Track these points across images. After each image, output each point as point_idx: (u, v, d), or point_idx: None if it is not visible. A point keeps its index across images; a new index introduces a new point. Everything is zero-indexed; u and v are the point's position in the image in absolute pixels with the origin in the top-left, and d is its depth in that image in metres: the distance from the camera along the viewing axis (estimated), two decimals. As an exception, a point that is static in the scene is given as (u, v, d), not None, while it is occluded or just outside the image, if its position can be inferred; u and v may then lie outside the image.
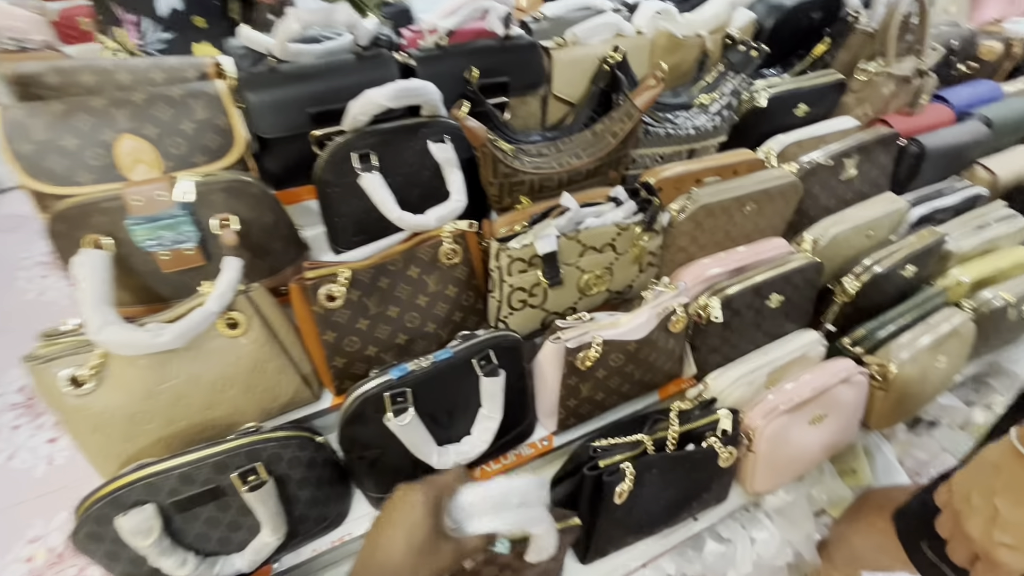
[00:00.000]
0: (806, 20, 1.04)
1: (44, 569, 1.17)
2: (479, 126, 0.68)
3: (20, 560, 1.18)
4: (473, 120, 0.68)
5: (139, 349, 0.53)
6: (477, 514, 0.42)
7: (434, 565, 0.36)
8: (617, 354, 0.68)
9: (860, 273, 0.84)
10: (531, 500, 0.45)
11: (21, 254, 1.88)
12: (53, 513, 1.24)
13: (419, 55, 0.78)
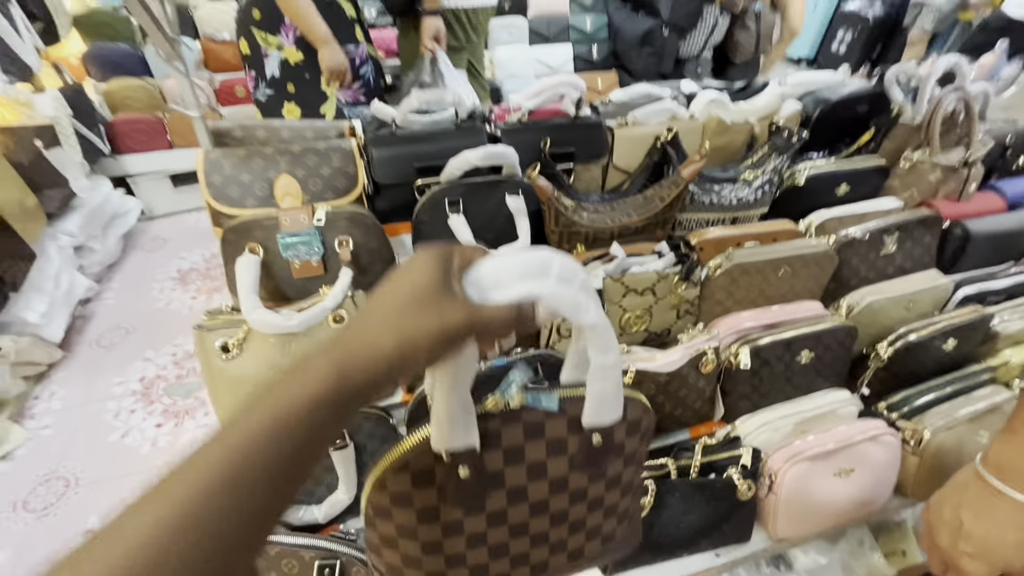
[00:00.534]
0: (852, 112, 1.15)
1: (135, 535, 1.36)
2: (547, 184, 0.85)
3: (118, 524, 1.37)
4: (543, 180, 0.84)
5: (274, 329, 0.70)
6: (503, 283, 0.32)
7: (439, 319, 0.28)
8: (649, 384, 0.78)
9: (894, 340, 0.89)
10: (574, 278, 0.33)
11: (158, 270, 2.25)
12: (149, 488, 1.44)
13: (504, 128, 0.97)
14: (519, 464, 0.38)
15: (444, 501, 0.37)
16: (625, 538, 0.47)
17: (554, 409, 0.38)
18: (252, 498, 0.23)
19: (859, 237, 0.96)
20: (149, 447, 1.56)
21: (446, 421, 0.35)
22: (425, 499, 0.37)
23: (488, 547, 0.40)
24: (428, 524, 0.38)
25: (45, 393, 1.71)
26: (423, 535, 0.38)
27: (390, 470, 0.36)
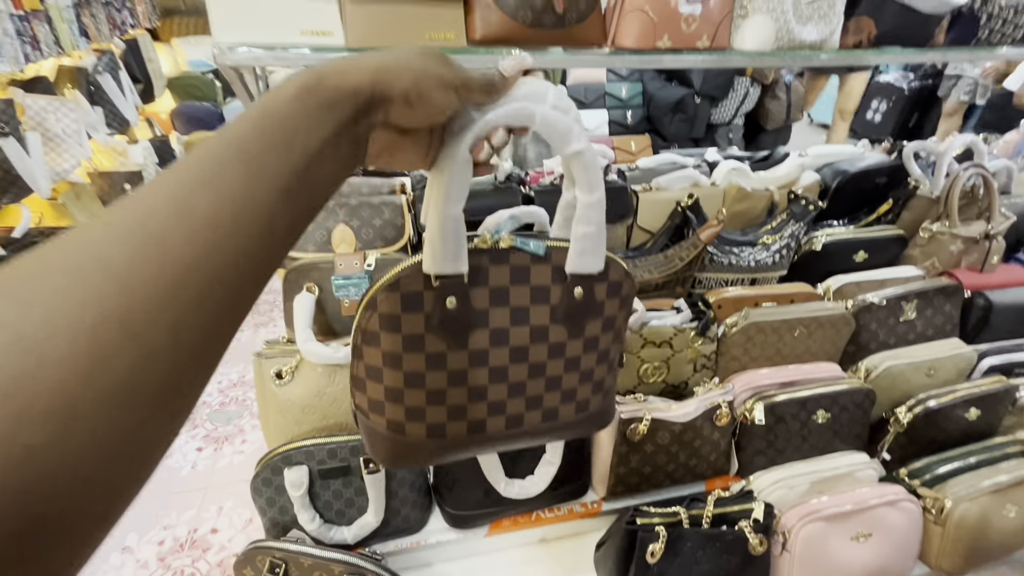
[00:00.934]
0: (870, 183, 1.20)
1: (167, 554, 1.42)
2: (573, 241, 0.93)
3: (152, 542, 1.44)
4: (569, 236, 0.93)
5: (323, 359, 0.79)
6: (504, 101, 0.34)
7: (424, 60, 0.29)
8: (664, 432, 0.81)
9: (913, 405, 0.90)
10: (569, 109, 0.36)
11: (212, 303, 2.43)
12: (184, 509, 1.51)
13: (538, 189, 1.07)
14: (503, 306, 0.40)
15: (430, 330, 0.39)
16: (598, 414, 0.48)
17: (540, 253, 0.40)
18: (254, 176, 0.22)
19: (877, 302, 0.99)
20: (189, 469, 1.64)
21: (438, 238, 0.36)
22: (412, 325, 0.38)
23: (468, 388, 0.41)
24: (413, 353, 0.39)
25: (102, 412, 1.84)
26: (407, 364, 0.39)
27: (382, 289, 0.38)
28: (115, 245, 0.18)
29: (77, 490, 0.16)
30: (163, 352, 0.18)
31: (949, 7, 0.94)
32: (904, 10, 0.93)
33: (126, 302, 0.17)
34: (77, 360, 0.16)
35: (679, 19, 0.86)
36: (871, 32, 0.94)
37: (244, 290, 0.21)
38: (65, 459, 0.15)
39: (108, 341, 0.16)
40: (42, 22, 1.92)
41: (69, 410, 0.15)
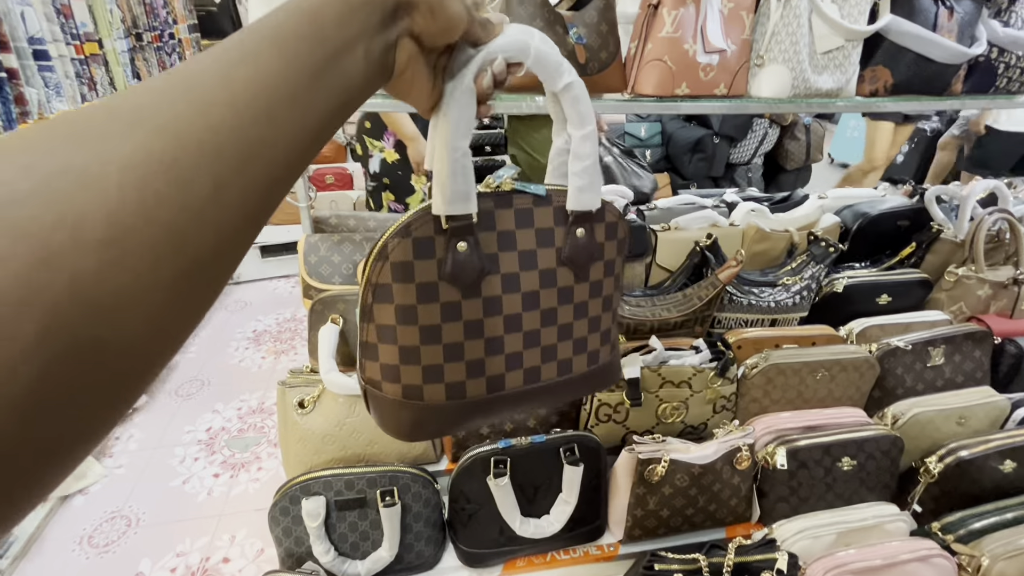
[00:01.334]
0: (892, 226, 1.20)
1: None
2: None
3: (165, 569, 1.44)
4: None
5: (344, 390, 0.81)
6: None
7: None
8: (683, 475, 0.80)
9: (944, 455, 0.87)
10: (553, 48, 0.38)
11: (237, 330, 2.49)
12: (198, 536, 1.52)
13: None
14: (512, 250, 0.41)
15: (443, 278, 0.38)
16: (608, 367, 0.48)
17: (542, 194, 0.41)
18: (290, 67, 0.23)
19: (902, 347, 0.97)
20: (205, 496, 1.65)
21: (447, 175, 0.36)
22: (425, 272, 0.38)
23: (485, 340, 0.40)
24: (428, 304, 0.38)
25: (125, 434, 1.88)
26: (423, 317, 0.38)
27: (392, 235, 0.37)
28: (161, 103, 0.19)
29: (123, 322, 0.16)
30: (206, 206, 0.19)
31: (964, 57, 0.96)
32: (920, 60, 0.95)
33: (171, 152, 0.18)
34: (126, 196, 0.16)
35: (697, 68, 0.89)
36: (887, 81, 0.97)
37: (277, 173, 0.22)
38: (113, 289, 0.16)
39: (155, 185, 0.17)
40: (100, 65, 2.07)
41: (118, 243, 0.16)
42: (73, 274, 0.15)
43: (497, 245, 0.40)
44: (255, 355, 2.29)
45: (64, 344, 0.15)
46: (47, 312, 0.14)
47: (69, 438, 0.16)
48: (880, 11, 0.93)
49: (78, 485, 1.65)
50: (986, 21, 0.97)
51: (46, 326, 0.14)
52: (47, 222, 0.15)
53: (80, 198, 0.15)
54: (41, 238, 0.14)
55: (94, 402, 0.17)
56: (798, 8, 0.88)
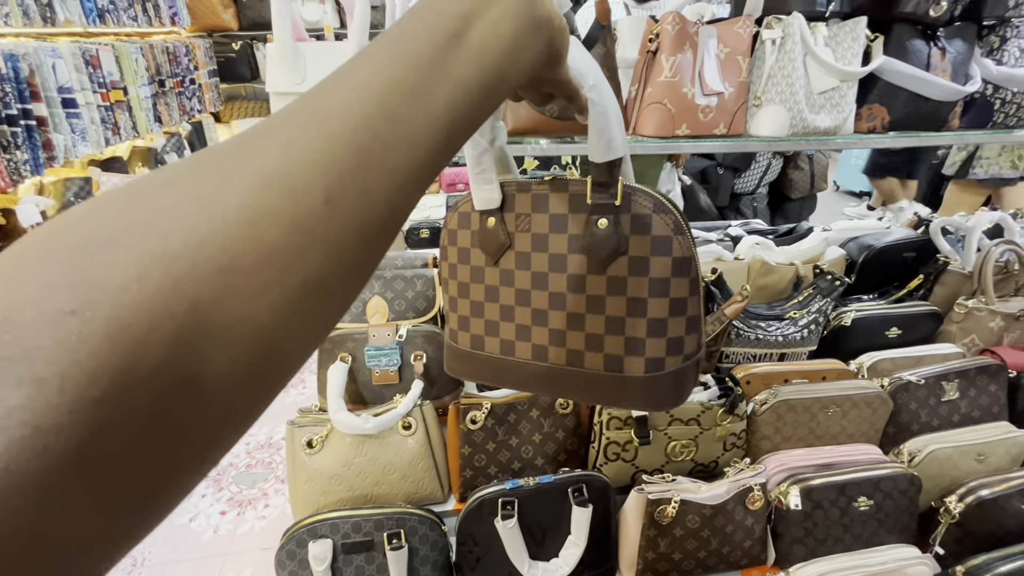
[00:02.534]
0: (898, 258, 1.20)
1: (183, 626, 1.39)
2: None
3: (169, 612, 1.42)
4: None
5: (353, 430, 0.81)
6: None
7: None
8: (694, 516, 0.79)
9: (964, 494, 0.84)
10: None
11: (247, 363, 2.51)
12: (204, 577, 1.49)
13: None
14: (525, 231, 0.45)
15: (474, 245, 0.46)
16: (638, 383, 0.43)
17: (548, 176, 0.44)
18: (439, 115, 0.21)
19: (915, 381, 0.96)
20: (211, 534, 1.64)
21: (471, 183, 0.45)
22: (464, 239, 0.47)
23: (499, 306, 0.46)
24: (463, 265, 0.47)
25: (134, 471, 1.88)
26: (460, 275, 0.48)
27: (450, 211, 0.48)
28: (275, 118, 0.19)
29: (235, 349, 0.16)
30: (317, 221, 0.17)
31: (959, 95, 0.98)
32: (915, 98, 0.97)
33: (282, 162, 0.17)
34: (240, 218, 0.16)
35: (696, 110, 0.92)
36: (884, 119, 0.99)
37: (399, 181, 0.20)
38: (227, 314, 0.15)
39: (266, 200, 0.16)
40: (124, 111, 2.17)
41: (231, 267, 0.15)
42: (192, 303, 0.15)
43: (515, 225, 0.45)
44: (264, 389, 2.30)
45: (184, 372, 0.14)
46: (172, 338, 0.14)
47: (179, 468, 0.16)
48: (873, 53, 0.96)
49: (85, 523, 1.64)
50: (979, 60, 1.00)
51: (169, 353, 0.14)
52: (172, 250, 0.15)
53: (203, 225, 0.15)
54: (167, 264, 0.14)
55: (206, 432, 0.16)
56: (792, 52, 0.91)
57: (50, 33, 2.00)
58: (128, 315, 0.13)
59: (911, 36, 0.96)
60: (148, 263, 0.14)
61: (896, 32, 0.96)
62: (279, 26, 0.76)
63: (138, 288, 0.14)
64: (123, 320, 0.13)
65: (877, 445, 0.94)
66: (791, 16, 0.91)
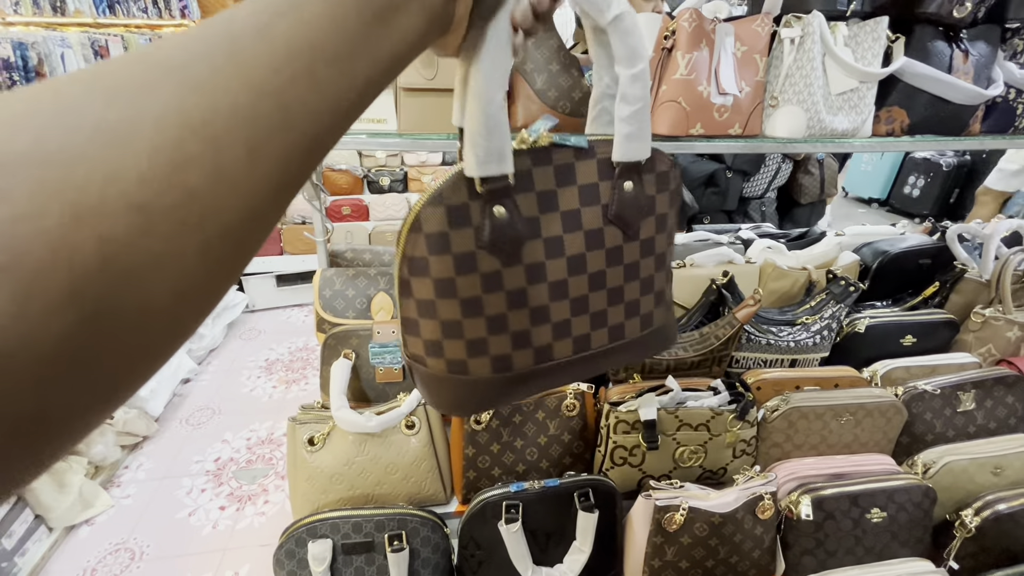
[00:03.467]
0: (913, 264, 1.17)
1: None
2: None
3: (166, 606, 1.41)
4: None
5: (356, 428, 0.80)
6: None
7: None
8: (702, 524, 0.77)
9: (981, 508, 0.82)
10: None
11: (249, 358, 2.50)
12: (202, 571, 1.48)
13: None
14: (553, 211, 0.37)
15: (481, 246, 0.35)
16: (662, 330, 0.44)
17: (584, 146, 0.37)
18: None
19: (930, 391, 0.94)
20: (210, 529, 1.63)
21: (481, 130, 0.33)
22: (462, 242, 0.35)
23: (530, 309, 0.38)
24: (467, 276, 0.36)
25: (135, 463, 1.87)
26: (462, 290, 0.36)
27: (425, 205, 0.35)
28: (197, 57, 0.18)
29: (150, 289, 0.16)
30: (239, 172, 0.17)
31: (981, 99, 0.96)
32: (935, 101, 0.95)
33: (206, 111, 0.17)
34: (157, 158, 0.15)
35: (711, 109, 0.90)
36: (903, 121, 0.96)
37: (319, 136, 0.20)
38: (141, 254, 0.15)
39: (188, 147, 0.16)
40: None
41: (148, 207, 0.15)
42: (102, 237, 0.14)
43: (537, 207, 0.37)
44: (266, 384, 2.29)
45: (91, 308, 0.14)
46: (76, 274, 0.14)
47: (84, 404, 0.15)
48: (894, 54, 0.93)
49: (85, 515, 1.63)
50: (1002, 63, 0.97)
51: (73, 288, 0.14)
52: (77, 181, 0.14)
53: (112, 158, 0.15)
54: (71, 198, 0.14)
55: (115, 369, 0.16)
56: (811, 51, 0.89)
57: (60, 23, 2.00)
58: (24, 245, 0.13)
59: (933, 37, 0.94)
60: (45, 196, 0.13)
61: (918, 33, 0.93)
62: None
63: (34, 219, 0.13)
64: (18, 250, 0.13)
65: (890, 455, 0.92)
66: (811, 15, 0.89)
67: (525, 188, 0.36)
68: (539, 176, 0.37)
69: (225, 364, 2.45)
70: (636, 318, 0.42)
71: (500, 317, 0.37)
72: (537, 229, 0.37)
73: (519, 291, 0.37)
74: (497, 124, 0.33)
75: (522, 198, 0.36)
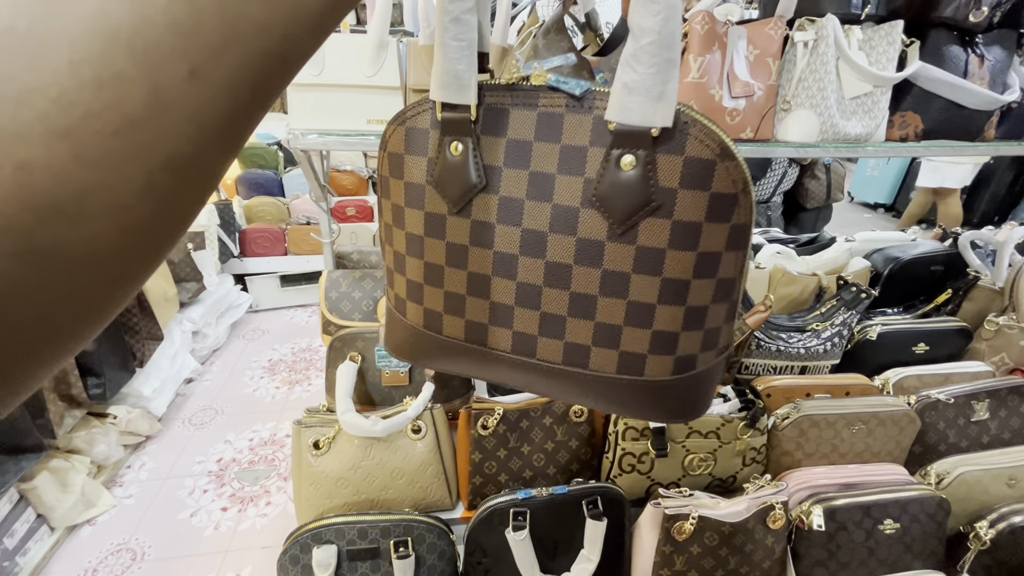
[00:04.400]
0: (926, 271, 1.16)
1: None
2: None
3: (167, 608, 1.40)
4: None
5: (361, 432, 0.79)
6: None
7: None
8: (712, 533, 0.75)
9: (995, 520, 0.81)
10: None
11: (252, 359, 2.50)
12: (203, 573, 1.47)
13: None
14: (521, 168, 0.31)
15: (430, 182, 0.32)
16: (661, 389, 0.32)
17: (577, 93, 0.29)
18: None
19: (943, 400, 0.92)
20: (211, 530, 1.62)
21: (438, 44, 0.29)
22: (414, 171, 0.33)
23: (468, 274, 0.33)
24: (413, 209, 0.33)
25: (137, 463, 1.87)
26: (409, 223, 0.33)
27: (391, 122, 0.33)
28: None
29: (89, 225, 0.14)
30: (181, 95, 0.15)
31: (997, 104, 0.94)
32: (951, 106, 0.94)
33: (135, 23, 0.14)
34: (80, 74, 0.14)
35: (723, 112, 0.89)
36: (918, 127, 0.95)
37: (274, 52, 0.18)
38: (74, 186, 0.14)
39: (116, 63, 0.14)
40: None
41: (75, 132, 0.14)
42: (19, 165, 0.13)
43: (503, 157, 0.31)
44: (270, 385, 2.29)
45: (15, 245, 0.13)
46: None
47: (23, 351, 0.14)
48: (909, 58, 0.92)
49: (87, 515, 1.63)
50: (1018, 69, 0.96)
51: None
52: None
53: (23, 72, 0.13)
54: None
55: (57, 312, 0.15)
56: (825, 55, 0.88)
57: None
58: None
59: (949, 42, 0.93)
60: None
61: (933, 37, 0.92)
62: (299, 15, 0.74)
63: None
64: None
65: (902, 465, 0.90)
66: (824, 18, 0.88)
67: (495, 131, 0.31)
68: (516, 121, 0.30)
69: (228, 364, 2.45)
70: (612, 351, 0.32)
71: (436, 268, 0.33)
72: (496, 182, 0.31)
73: (460, 248, 0.33)
74: (455, 41, 0.29)
75: (488, 142, 0.31)
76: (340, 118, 0.82)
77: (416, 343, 0.36)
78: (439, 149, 0.31)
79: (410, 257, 0.34)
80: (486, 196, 0.31)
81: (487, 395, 1.01)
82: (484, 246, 0.32)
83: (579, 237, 0.30)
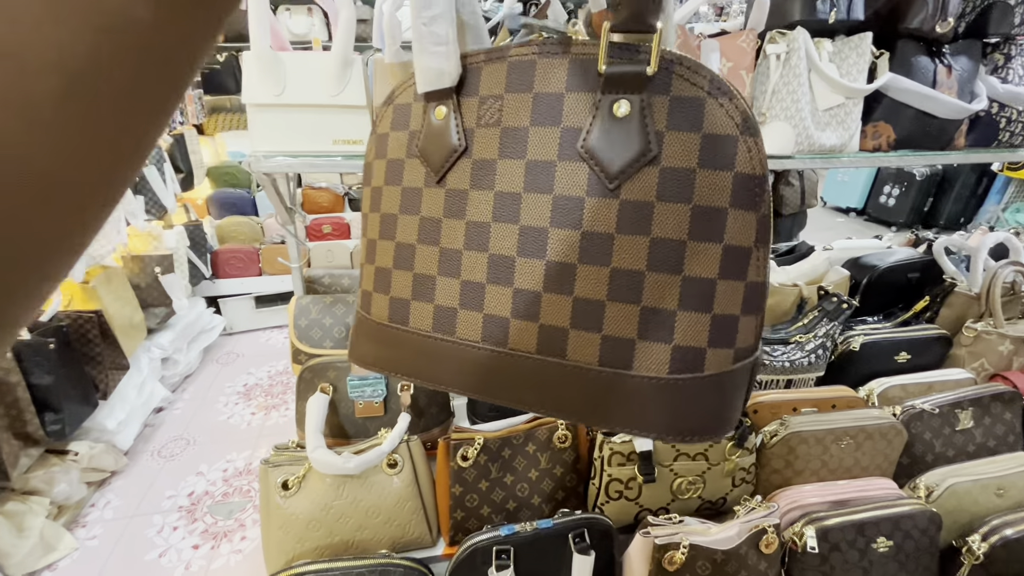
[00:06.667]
0: (902, 278, 1.16)
1: (148, 675, 1.28)
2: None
3: (134, 659, 1.31)
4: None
5: (334, 470, 0.74)
6: None
7: None
8: (704, 562, 0.72)
9: (988, 533, 0.79)
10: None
11: (226, 384, 2.40)
12: (173, 619, 1.39)
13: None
14: (493, 125, 0.28)
15: (411, 155, 0.31)
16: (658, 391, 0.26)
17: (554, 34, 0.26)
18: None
19: (928, 410, 0.92)
20: (182, 571, 1.53)
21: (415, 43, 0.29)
22: (397, 147, 0.32)
23: (440, 250, 0.30)
24: (391, 187, 0.32)
25: (101, 501, 1.77)
26: (385, 202, 0.32)
27: (381, 103, 0.33)
28: None
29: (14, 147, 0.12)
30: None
31: (965, 113, 0.95)
32: (921, 115, 0.95)
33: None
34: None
35: (698, 126, 0.88)
36: (890, 136, 0.96)
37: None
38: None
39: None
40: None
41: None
42: None
43: (476, 117, 0.29)
44: (244, 411, 2.20)
45: None
46: None
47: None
48: (879, 70, 0.93)
49: (46, 560, 1.53)
50: (984, 78, 0.98)
51: None
52: None
53: None
54: None
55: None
56: (797, 67, 0.88)
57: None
58: None
59: (916, 53, 0.94)
60: None
61: (901, 48, 0.93)
62: (256, 33, 0.70)
63: None
64: None
65: (891, 478, 0.89)
66: (795, 31, 0.88)
67: (470, 91, 0.29)
68: (488, 76, 0.28)
69: (201, 391, 2.35)
70: (593, 334, 0.27)
71: (408, 248, 0.31)
72: (471, 145, 0.29)
73: (433, 222, 0.30)
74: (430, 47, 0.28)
75: (465, 103, 0.29)
76: (304, 139, 0.78)
77: (380, 344, 0.33)
78: (424, 118, 0.31)
79: (382, 241, 0.33)
80: (462, 161, 0.29)
81: (467, 422, 0.97)
82: (457, 216, 0.30)
83: (556, 195, 0.27)
